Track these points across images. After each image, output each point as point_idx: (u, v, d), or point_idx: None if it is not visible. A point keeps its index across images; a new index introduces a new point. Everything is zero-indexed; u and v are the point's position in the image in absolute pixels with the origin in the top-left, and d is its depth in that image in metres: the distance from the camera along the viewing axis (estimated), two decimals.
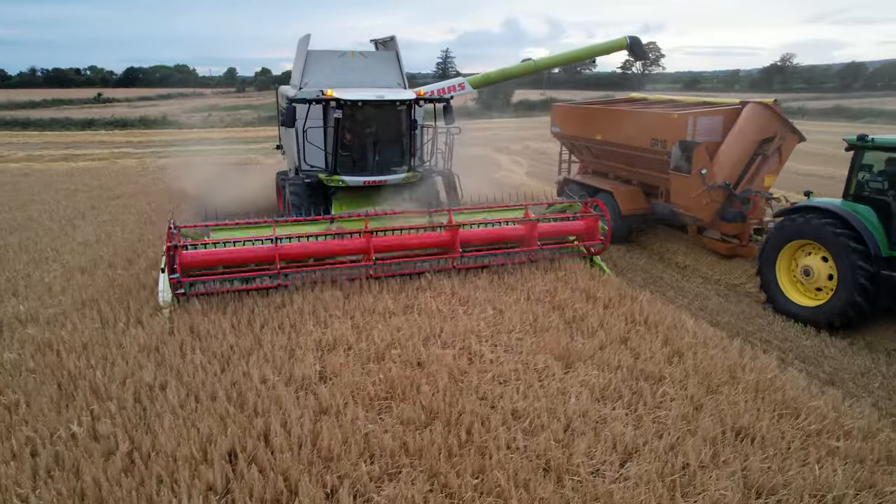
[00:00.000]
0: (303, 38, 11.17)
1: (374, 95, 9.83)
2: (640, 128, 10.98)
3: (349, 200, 10.46)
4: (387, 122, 10.52)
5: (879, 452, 4.70)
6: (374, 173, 10.33)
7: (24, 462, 4.54)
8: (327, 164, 10.31)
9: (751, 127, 10.21)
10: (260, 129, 37.97)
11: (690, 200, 10.14)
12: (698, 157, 9.82)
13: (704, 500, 4.15)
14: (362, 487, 4.30)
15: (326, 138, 10.22)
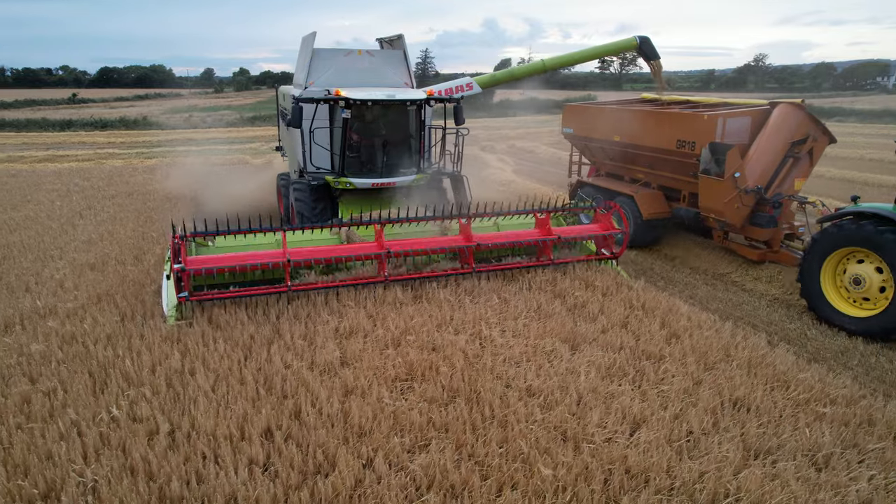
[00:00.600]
0: (307, 36, 10.91)
1: (384, 95, 9.49)
2: (665, 129, 10.50)
3: (356, 203, 10.20)
4: (396, 122, 10.28)
5: (861, 416, 5.19)
6: (382, 175, 10.00)
7: (72, 442, 4.78)
8: (333, 166, 10.05)
9: (782, 128, 9.86)
10: (243, 130, 37.90)
11: (722, 205, 9.60)
12: (732, 159, 9.28)
13: (709, 461, 4.58)
14: (396, 458, 4.64)
15: (333, 139, 10.02)
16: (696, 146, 9.79)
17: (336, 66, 10.59)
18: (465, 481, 4.34)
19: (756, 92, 71.02)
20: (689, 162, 10.10)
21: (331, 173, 10.00)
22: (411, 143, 10.30)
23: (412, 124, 10.21)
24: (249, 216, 8.93)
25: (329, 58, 10.67)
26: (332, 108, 9.87)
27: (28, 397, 5.47)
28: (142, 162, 23.29)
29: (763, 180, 9.73)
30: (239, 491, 4.27)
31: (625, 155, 11.79)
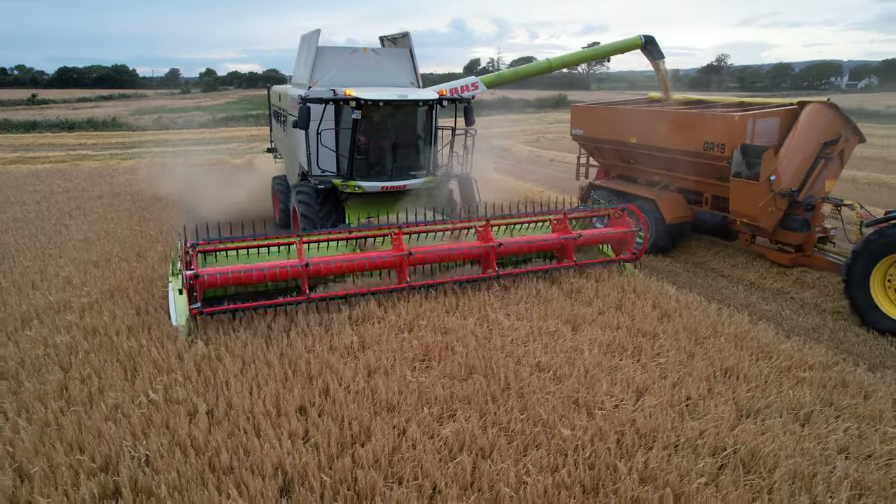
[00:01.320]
0: (310, 33, 10.48)
1: (396, 95, 9.17)
2: (690, 130, 10.03)
3: (363, 207, 9.81)
4: (407, 123, 9.91)
5: (836, 379, 5.83)
6: (392, 178, 9.62)
7: (119, 421, 5.06)
8: (339, 169, 9.67)
9: (814, 128, 9.59)
10: (217, 131, 37.62)
11: (756, 209, 9.23)
12: (767, 161, 8.93)
13: (707, 420, 5.11)
14: (426, 427, 5.05)
15: (339, 141, 9.64)
16: (727, 148, 9.43)
17: (341, 64, 10.23)
18: (492, 444, 4.78)
19: (718, 92, 73.10)
20: (718, 164, 9.74)
21: (337, 176, 9.62)
22: (421, 145, 10.00)
23: (423, 125, 9.89)
24: (243, 221, 8.85)
25: (334, 56, 10.27)
26: (339, 108, 9.49)
27: (65, 384, 5.70)
28: (119, 163, 23.08)
29: (795, 182, 9.42)
30: (286, 459, 4.62)
31: (642, 157, 11.34)
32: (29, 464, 4.52)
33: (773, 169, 9.03)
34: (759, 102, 11.07)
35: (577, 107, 13.06)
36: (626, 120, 11.45)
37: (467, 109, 9.87)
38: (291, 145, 11.02)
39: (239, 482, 4.37)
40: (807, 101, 9.88)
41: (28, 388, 5.64)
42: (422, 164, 10.03)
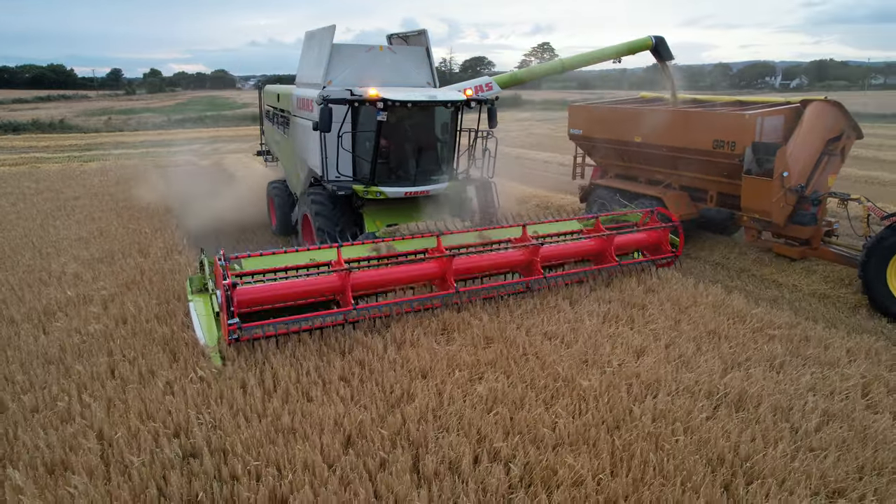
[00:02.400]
0: (322, 30, 9.88)
1: (425, 96, 8.80)
2: (699, 129, 10.16)
3: (382, 214, 9.34)
4: (431, 124, 9.52)
5: (800, 335, 6.82)
6: (415, 183, 9.22)
7: (178, 394, 5.49)
8: (357, 173, 9.22)
9: (819, 126, 9.83)
10: (174, 132, 37.03)
11: (769, 204, 9.43)
12: (781, 158, 9.14)
13: (700, 372, 5.95)
14: (461, 387, 5.69)
15: (357, 144, 9.15)
16: (738, 146, 9.58)
17: (357, 63, 9.65)
18: (522, 396, 5.48)
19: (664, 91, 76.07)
20: (727, 162, 9.87)
21: (356, 182, 9.11)
22: (444, 148, 9.60)
23: (448, 127, 9.46)
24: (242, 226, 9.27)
25: (350, 54, 9.68)
26: (354, 109, 8.90)
27: (113, 366, 6.07)
28: (81, 165, 22.67)
29: (803, 178, 9.65)
30: (342, 418, 5.18)
31: (646, 156, 11.39)
32: (110, 430, 4.92)
33: (785, 165, 9.25)
34: (755, 101, 11.25)
35: (576, 107, 13.13)
36: (631, 119, 11.47)
37: (491, 110, 9.40)
38: (297, 149, 10.50)
39: (305, 438, 4.91)
40: (810, 100, 10.04)
41: (79, 370, 5.98)
42: (444, 168, 9.62)
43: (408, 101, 8.49)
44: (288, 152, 11.44)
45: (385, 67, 9.78)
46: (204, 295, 7.30)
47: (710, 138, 9.95)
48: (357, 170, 9.24)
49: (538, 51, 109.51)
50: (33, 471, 4.48)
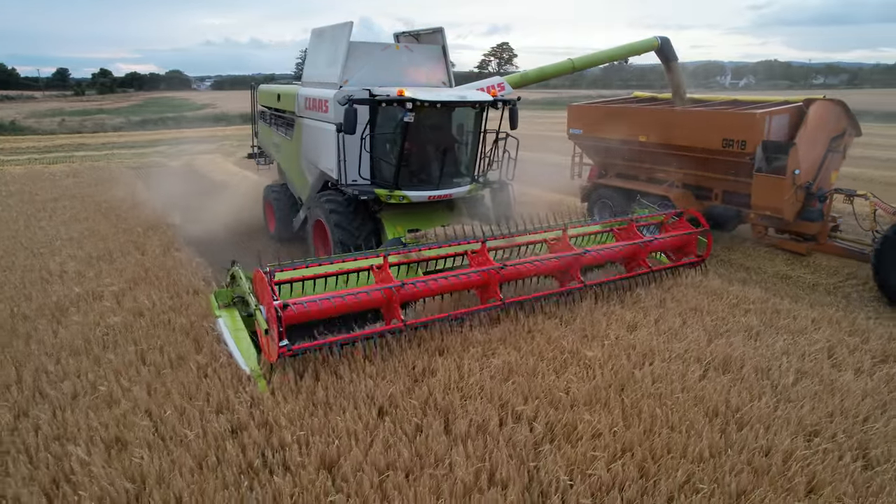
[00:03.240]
0: (337, 27, 9.39)
1: (455, 96, 8.60)
2: (708, 128, 10.30)
3: (401, 219, 9.05)
4: (456, 126, 9.16)
5: (771, 309, 7.62)
6: (438, 186, 8.90)
7: (211, 378, 5.82)
8: (377, 177, 8.83)
9: (824, 124, 10.10)
10: (136, 134, 36.35)
11: (781, 201, 9.61)
12: (794, 156, 9.36)
13: (688, 342, 6.62)
14: (478, 361, 6.20)
15: (377, 146, 8.78)
16: (748, 144, 9.73)
17: (373, 61, 9.29)
18: (534, 367, 6.03)
19: (621, 89, 78.46)
20: (738, 160, 10.01)
21: (377, 186, 8.75)
22: (467, 150, 9.30)
23: (474, 128, 9.13)
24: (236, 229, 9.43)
25: (366, 52, 9.28)
26: (379, 110, 8.48)
27: (143, 354, 6.34)
28: (46, 167, 22.22)
29: (810, 175, 9.87)
30: (374, 392, 5.62)
31: (651, 155, 11.45)
32: (158, 409, 5.24)
33: (797, 163, 9.45)
34: (752, 101, 11.48)
35: (576, 106, 13.15)
36: (636, 119, 11.55)
37: (513, 111, 9.06)
38: (305, 151, 10.10)
39: (342, 410, 5.34)
40: (813, 99, 10.25)
41: (110, 358, 6.24)
42: (467, 171, 9.36)
43: (438, 101, 8.17)
44: (291, 155, 10.96)
45: (401, 66, 9.45)
46: (231, 310, 6.79)
47: (720, 137, 10.09)
48: (377, 173, 8.83)
49: (497, 51, 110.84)
50: (94, 447, 4.77)
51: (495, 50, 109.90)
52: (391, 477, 4.45)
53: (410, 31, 10.42)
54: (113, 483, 4.31)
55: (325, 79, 9.49)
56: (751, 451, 4.70)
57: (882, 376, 6.00)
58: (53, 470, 4.54)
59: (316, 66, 10.06)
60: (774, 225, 10.40)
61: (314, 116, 9.65)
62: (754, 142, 9.68)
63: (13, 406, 5.44)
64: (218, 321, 6.70)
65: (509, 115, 9.05)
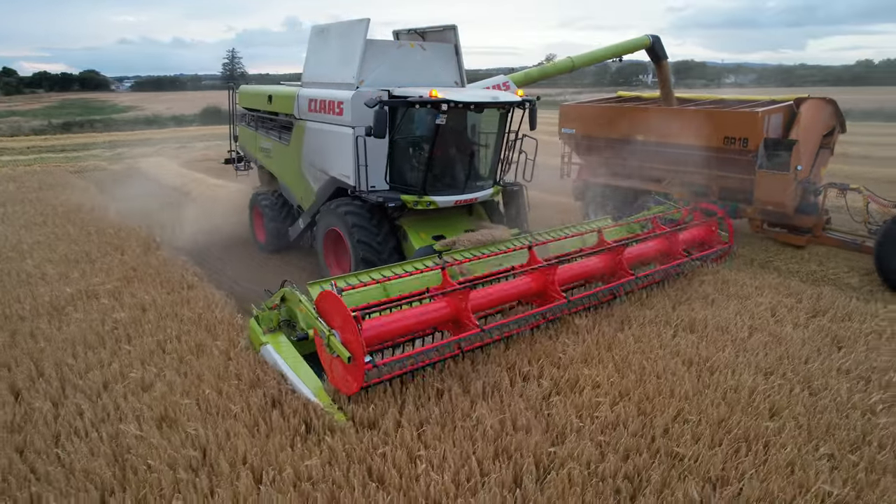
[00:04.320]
0: (352, 23, 8.76)
1: (488, 97, 8.38)
2: (709, 127, 10.51)
3: (423, 225, 8.69)
4: (484, 127, 8.91)
5: (722, 280, 8.71)
6: (464, 191, 8.63)
7: (236, 360, 6.21)
8: (393, 181, 8.46)
9: (818, 122, 10.55)
10: (62, 138, 34.65)
11: (785, 196, 9.99)
12: (797, 153, 9.76)
13: (656, 310, 7.58)
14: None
15: (400, 149, 8.44)
16: (750, 142, 10.02)
17: (388, 60, 8.87)
18: (530, 335, 6.78)
19: (550, 88, 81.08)
20: (740, 158, 10.29)
21: (392, 191, 8.40)
22: (491, 152, 9.04)
23: (499, 130, 8.87)
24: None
25: (383, 51, 8.87)
26: (393, 112, 8.01)
27: (163, 344, 6.63)
28: None
29: (805, 171, 10.29)
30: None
31: (648, 153, 11.54)
32: (195, 389, 5.61)
33: (798, 159, 9.85)
34: (735, 100, 11.95)
35: (569, 106, 13.25)
36: (633, 118, 11.72)
37: (532, 111, 8.77)
38: (309, 156, 9.51)
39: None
40: (803, 98, 10.73)
41: (128, 349, 6.50)
42: (489, 173, 9.12)
43: (473, 102, 7.98)
44: (287, 160, 10.21)
45: (415, 66, 9.08)
46: (275, 335, 6.29)
47: (721, 135, 10.35)
48: (400, 178, 8.46)
49: None
50: (145, 424, 5.11)
51: None
52: (428, 430, 5.06)
53: (416, 28, 9.82)
54: (177, 451, 4.70)
55: (335, 79, 8.97)
56: (723, 390, 5.63)
57: (815, 328, 7.16)
58: (111, 446, 4.84)
59: (321, 65, 9.44)
60: (773, 219, 10.69)
61: (322, 119, 9.06)
62: (756, 139, 9.98)
63: (46, 396, 5.63)
64: (264, 349, 6.16)
65: (529, 116, 8.77)
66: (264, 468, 4.53)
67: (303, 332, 6.01)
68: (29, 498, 4.29)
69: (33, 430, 5.07)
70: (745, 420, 5.14)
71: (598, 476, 4.47)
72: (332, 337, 5.33)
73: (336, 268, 9.10)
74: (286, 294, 6.32)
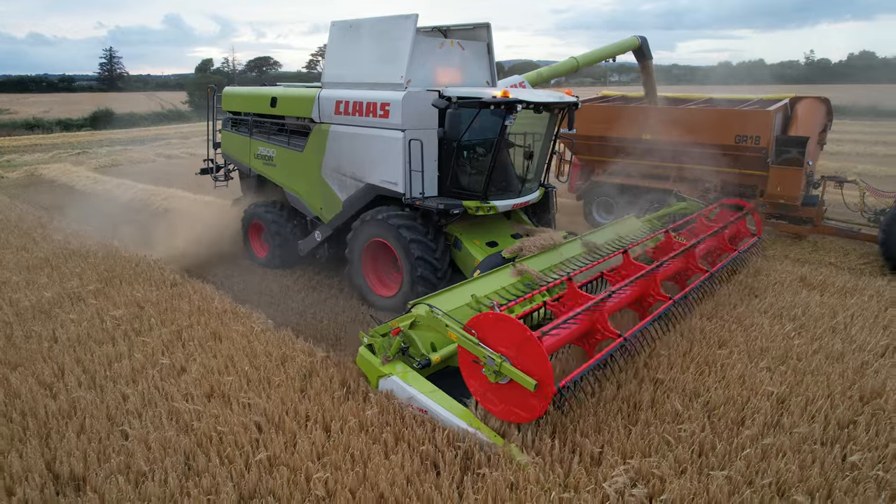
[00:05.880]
0: (395, 19, 8.08)
1: (555, 97, 8.10)
2: (720, 126, 10.95)
3: (472, 232, 8.34)
4: (539, 129, 8.66)
5: None
6: (519, 194, 8.41)
7: (261, 340, 6.70)
8: (446, 186, 7.98)
9: (815, 119, 11.25)
10: None
11: (796, 189, 10.60)
12: (810, 150, 10.37)
13: None
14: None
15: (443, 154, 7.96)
16: (762, 139, 10.53)
17: (431, 59, 8.36)
18: None
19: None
20: (753, 155, 10.74)
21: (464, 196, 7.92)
22: (542, 153, 8.82)
23: (547, 131, 8.67)
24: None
25: (428, 49, 8.29)
26: (443, 112, 7.45)
27: (178, 332, 6.94)
28: None
29: (813, 166, 10.96)
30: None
31: (653, 152, 11.66)
32: (231, 366, 6.07)
33: (809, 155, 10.44)
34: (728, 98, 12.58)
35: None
36: (639, 118, 11.90)
37: (572, 112, 8.48)
38: (338, 162, 8.70)
39: None
40: (799, 98, 11.66)
41: (145, 341, 6.76)
42: (537, 175, 8.91)
43: (545, 102, 7.82)
44: (300, 168, 9.32)
45: (454, 64, 8.67)
46: (393, 365, 5.61)
47: (733, 134, 10.79)
48: (454, 183, 8.00)
49: (324, 50, 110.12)
50: (197, 400, 5.53)
51: (322, 50, 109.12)
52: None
53: (439, 26, 9.13)
54: (241, 418, 5.21)
55: (372, 78, 8.31)
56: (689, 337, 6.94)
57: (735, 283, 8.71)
58: (173, 421, 5.25)
59: (350, 64, 8.67)
60: (782, 211, 11.19)
61: (355, 122, 8.35)
62: (767, 137, 10.50)
63: (80, 386, 5.84)
64: (390, 381, 5.49)
65: (569, 117, 8.47)
66: (330, 421, 5.17)
67: (424, 358, 5.48)
68: (121, 463, 4.67)
69: (86, 415, 5.34)
70: (703, 350, 6.44)
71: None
72: (505, 364, 4.70)
73: (377, 282, 8.49)
74: (421, 318, 5.57)
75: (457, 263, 8.16)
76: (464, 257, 8.06)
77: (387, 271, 8.51)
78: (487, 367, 4.78)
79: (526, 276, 6.91)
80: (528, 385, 4.54)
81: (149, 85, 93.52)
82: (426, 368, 5.52)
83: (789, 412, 5.26)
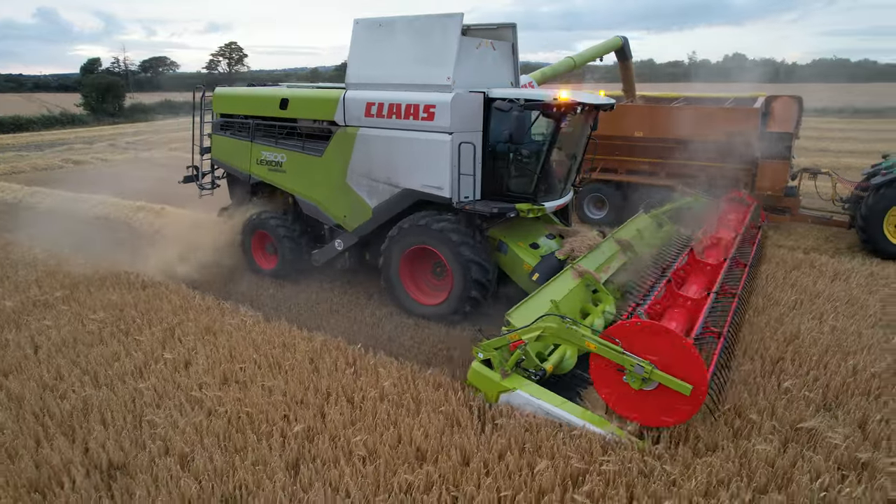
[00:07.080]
0: (439, 17, 7.79)
1: (602, 99, 8.23)
2: (711, 123, 11.40)
3: (511, 233, 8.32)
4: (583, 130, 8.61)
5: None
6: (561, 195, 8.47)
7: (259, 330, 6.99)
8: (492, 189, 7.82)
9: (790, 115, 12.15)
10: None
11: (782, 182, 11.31)
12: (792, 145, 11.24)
13: None
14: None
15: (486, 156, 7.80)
16: (750, 135, 11.14)
17: (471, 60, 8.12)
18: None
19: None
20: (737, 150, 11.23)
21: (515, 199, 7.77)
22: (579, 155, 8.87)
23: (583, 131, 8.64)
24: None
25: (468, 50, 8.00)
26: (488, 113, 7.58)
27: (171, 330, 7.08)
28: None
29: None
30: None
31: (645, 149, 12.22)
32: (240, 356, 6.36)
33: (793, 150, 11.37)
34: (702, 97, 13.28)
35: None
36: (631, 116, 12.30)
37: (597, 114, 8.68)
38: (368, 167, 8.30)
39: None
40: (775, 96, 12.67)
41: (139, 339, 6.86)
42: (572, 177, 8.98)
43: (600, 104, 7.97)
44: (319, 174, 8.81)
45: (487, 65, 8.48)
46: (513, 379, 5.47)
47: (722, 130, 11.34)
48: (501, 186, 7.90)
49: (226, 51, 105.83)
50: (214, 388, 5.81)
51: (223, 50, 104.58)
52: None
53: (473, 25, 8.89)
54: (264, 399, 5.57)
55: (412, 79, 7.96)
56: None
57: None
58: (196, 408, 5.51)
59: (382, 65, 8.25)
60: (766, 202, 11.69)
61: (392, 125, 7.99)
62: (754, 132, 11.15)
63: (87, 385, 5.92)
64: (515, 395, 5.38)
65: (595, 118, 8.60)
66: (352, 394, 5.66)
67: (539, 369, 5.45)
68: (160, 448, 4.92)
69: (104, 410, 5.47)
70: None
71: None
72: (656, 371, 4.84)
73: (417, 291, 8.20)
74: (551, 330, 5.40)
75: (501, 268, 8.10)
76: (510, 260, 8.03)
77: (426, 279, 8.30)
78: (632, 375, 4.88)
79: (587, 277, 7.00)
80: (683, 390, 4.73)
81: (24, 86, 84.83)
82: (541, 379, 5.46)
83: (734, 355, 6.36)
